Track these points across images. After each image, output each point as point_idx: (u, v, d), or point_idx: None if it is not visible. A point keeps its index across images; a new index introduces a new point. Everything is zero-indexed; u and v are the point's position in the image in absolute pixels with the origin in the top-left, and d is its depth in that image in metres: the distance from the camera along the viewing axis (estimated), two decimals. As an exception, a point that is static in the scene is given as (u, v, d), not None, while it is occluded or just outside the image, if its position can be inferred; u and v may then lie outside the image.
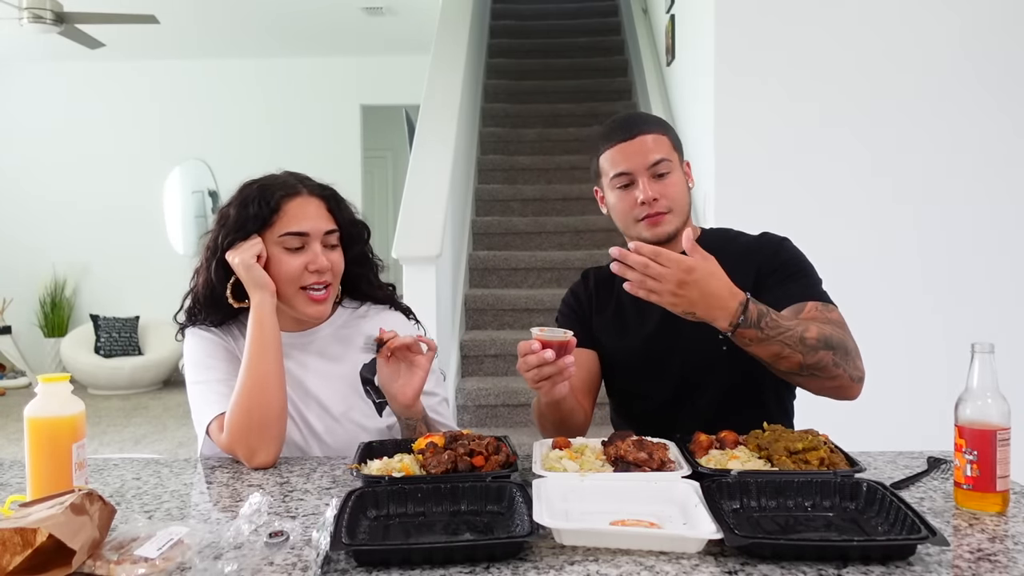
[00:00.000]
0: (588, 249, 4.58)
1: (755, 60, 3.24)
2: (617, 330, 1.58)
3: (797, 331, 1.28)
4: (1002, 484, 1.07)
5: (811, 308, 1.40)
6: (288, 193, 1.46)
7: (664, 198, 1.47)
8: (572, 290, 1.68)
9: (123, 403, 6.55)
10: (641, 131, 1.48)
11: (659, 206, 1.46)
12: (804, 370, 1.30)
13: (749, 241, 1.57)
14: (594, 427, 1.56)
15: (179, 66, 7.53)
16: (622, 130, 1.50)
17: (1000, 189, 3.19)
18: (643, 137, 1.48)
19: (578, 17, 6.65)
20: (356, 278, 1.57)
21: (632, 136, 1.48)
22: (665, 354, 1.52)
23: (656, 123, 1.53)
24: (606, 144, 1.52)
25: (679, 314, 1.25)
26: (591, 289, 1.64)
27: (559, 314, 1.68)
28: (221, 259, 1.45)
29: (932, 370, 2.79)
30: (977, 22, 3.19)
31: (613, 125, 1.54)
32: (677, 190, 1.49)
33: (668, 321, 1.45)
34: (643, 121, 1.52)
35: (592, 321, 1.62)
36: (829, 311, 1.41)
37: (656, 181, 1.47)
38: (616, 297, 1.59)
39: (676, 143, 1.53)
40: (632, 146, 1.48)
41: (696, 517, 1.00)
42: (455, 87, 4.23)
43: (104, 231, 7.49)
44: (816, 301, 1.42)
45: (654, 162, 1.47)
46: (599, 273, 1.64)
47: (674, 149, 1.51)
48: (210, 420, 1.42)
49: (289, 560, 0.93)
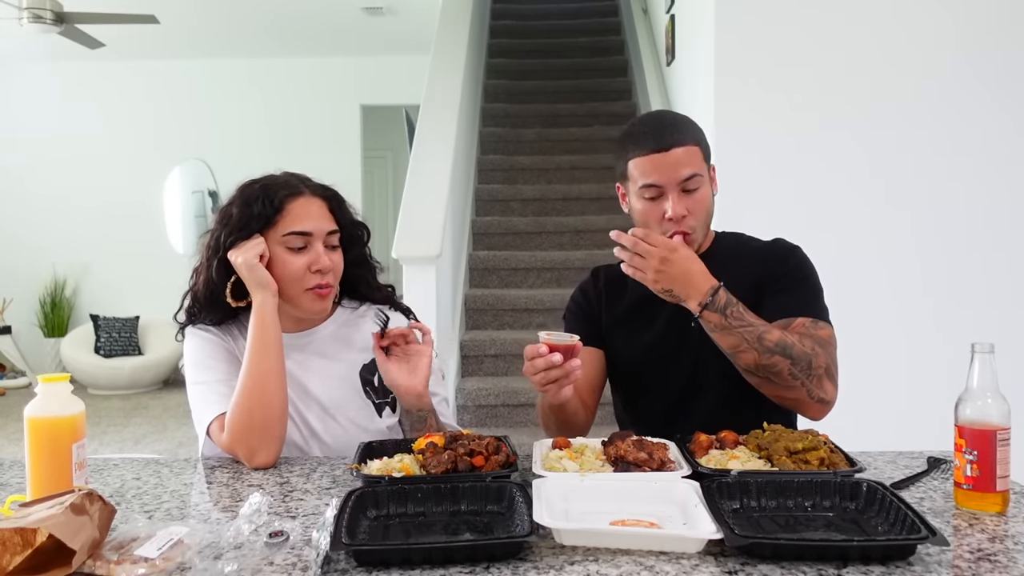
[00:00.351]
0: (588, 249, 4.58)
1: (755, 60, 3.24)
2: (627, 329, 1.58)
3: (759, 330, 1.34)
4: (1002, 484, 1.07)
5: (800, 323, 1.42)
6: (291, 193, 1.46)
7: (692, 215, 1.45)
8: (581, 287, 1.67)
9: (123, 403, 6.55)
10: (675, 142, 1.43)
11: (686, 224, 1.45)
12: (759, 370, 1.35)
13: (761, 246, 1.57)
14: (594, 427, 1.56)
15: (178, 66, 7.53)
16: (655, 138, 1.44)
17: (1000, 190, 3.19)
18: (678, 151, 1.43)
19: (578, 17, 6.65)
20: (355, 279, 1.57)
21: (666, 148, 1.43)
22: (672, 354, 1.52)
23: (690, 131, 1.47)
24: (637, 150, 1.46)
25: (659, 292, 1.36)
26: (601, 287, 1.63)
27: (567, 311, 1.67)
28: (223, 258, 1.44)
29: (932, 370, 2.78)
30: (975, 23, 3.19)
31: (646, 130, 1.47)
32: (705, 205, 1.47)
33: (676, 322, 1.48)
34: (677, 129, 1.46)
35: (601, 319, 1.61)
36: (817, 328, 1.42)
37: (685, 196, 1.44)
38: (628, 296, 1.58)
39: (706, 151, 1.49)
40: (666, 159, 1.43)
41: (696, 517, 1.00)
42: (455, 87, 4.23)
43: (104, 231, 7.49)
44: (807, 317, 1.43)
45: (685, 177, 1.43)
46: (610, 271, 1.63)
47: (704, 159, 1.47)
48: (211, 420, 1.42)
49: (289, 560, 0.93)
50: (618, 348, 1.59)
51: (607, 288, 1.63)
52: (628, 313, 1.59)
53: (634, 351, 1.56)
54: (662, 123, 1.48)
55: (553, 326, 4.24)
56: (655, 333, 1.54)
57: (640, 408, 1.61)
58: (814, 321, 1.43)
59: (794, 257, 1.52)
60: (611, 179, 5.42)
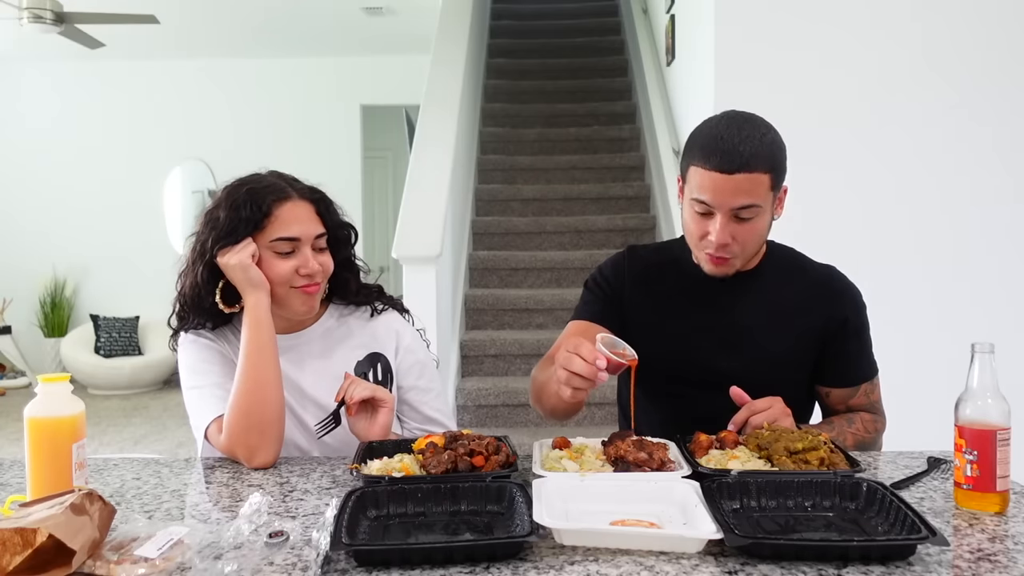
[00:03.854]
0: (588, 249, 4.58)
1: (755, 60, 3.24)
2: (653, 319, 1.54)
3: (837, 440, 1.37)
4: (1002, 484, 1.07)
5: (862, 393, 1.54)
6: (279, 197, 1.44)
7: (737, 243, 1.40)
8: (614, 264, 1.62)
9: (123, 403, 6.55)
10: (742, 169, 1.33)
11: (727, 251, 1.40)
12: None
13: (816, 276, 1.55)
14: (595, 427, 1.56)
15: (179, 66, 7.53)
16: (723, 157, 1.33)
17: (1000, 189, 3.19)
18: (741, 176, 1.33)
19: (578, 17, 6.64)
20: (344, 281, 1.56)
21: (729, 172, 1.33)
22: (693, 353, 1.51)
23: (764, 156, 1.35)
24: (701, 162, 1.36)
25: None
26: (637, 270, 1.58)
27: (592, 280, 1.62)
28: (210, 262, 1.43)
29: (932, 370, 2.78)
30: (982, 20, 3.18)
31: (716, 145, 1.35)
32: (753, 236, 1.41)
33: (707, 319, 1.50)
34: (750, 155, 1.33)
35: (623, 303, 1.57)
36: (874, 388, 1.55)
37: (735, 223, 1.38)
38: (661, 284, 1.56)
39: (777, 177, 1.39)
40: (726, 183, 1.33)
41: (696, 517, 1.01)
42: (455, 87, 4.23)
43: (104, 231, 7.49)
44: (867, 382, 1.54)
45: (740, 207, 1.36)
46: (649, 256, 1.60)
47: (771, 189, 1.38)
48: (208, 423, 1.42)
49: (289, 560, 0.93)
50: (639, 335, 1.52)
51: (641, 274, 1.58)
52: (659, 302, 1.55)
53: (657, 341, 1.51)
54: (737, 140, 1.34)
55: (553, 326, 4.25)
56: (684, 326, 1.52)
57: (654, 398, 1.56)
58: (871, 384, 1.55)
59: (859, 305, 1.54)
60: (610, 179, 5.43)
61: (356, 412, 1.40)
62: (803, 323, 1.50)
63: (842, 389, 1.53)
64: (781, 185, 1.43)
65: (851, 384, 1.53)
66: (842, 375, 1.53)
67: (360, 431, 1.40)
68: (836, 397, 1.54)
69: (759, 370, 1.47)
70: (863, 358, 1.55)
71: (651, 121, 4.82)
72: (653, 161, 4.79)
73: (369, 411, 1.41)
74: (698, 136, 1.40)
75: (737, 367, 1.46)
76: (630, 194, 4.96)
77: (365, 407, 1.41)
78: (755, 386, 1.39)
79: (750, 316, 1.50)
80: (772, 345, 1.49)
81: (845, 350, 1.52)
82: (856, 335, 1.53)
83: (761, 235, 1.44)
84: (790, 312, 1.50)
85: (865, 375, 1.54)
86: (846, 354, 1.52)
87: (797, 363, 1.52)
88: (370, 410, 1.41)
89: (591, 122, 5.53)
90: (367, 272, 1.62)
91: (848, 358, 1.53)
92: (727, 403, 1.38)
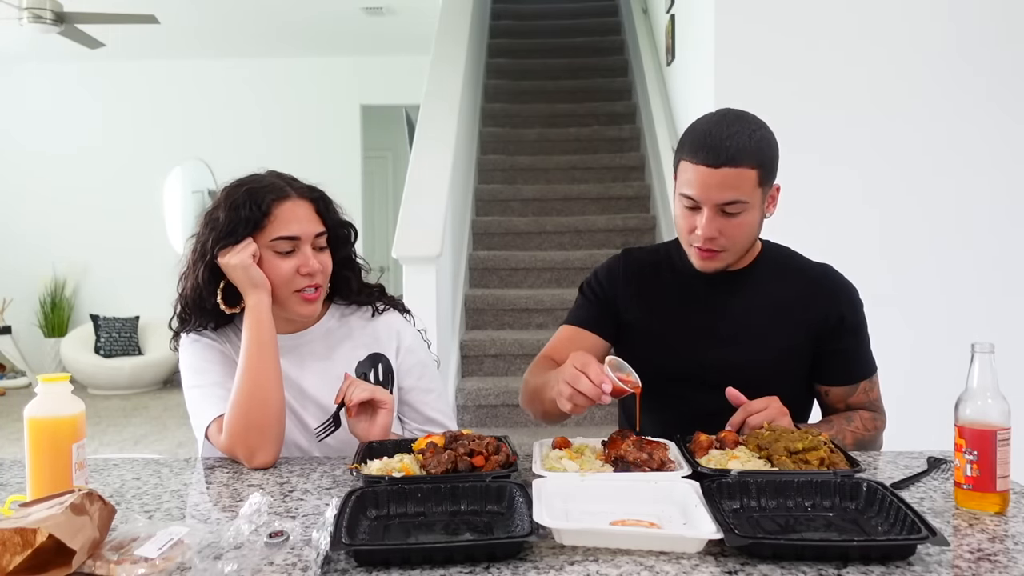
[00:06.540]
0: (588, 249, 4.58)
1: (755, 60, 3.24)
2: (648, 319, 1.55)
3: (836, 438, 1.37)
4: (1002, 484, 1.07)
5: (861, 391, 1.53)
6: (278, 197, 1.45)
7: (724, 237, 1.40)
8: (608, 268, 1.62)
9: (123, 403, 6.55)
10: (728, 163, 1.34)
11: (714, 244, 1.41)
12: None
13: (813, 275, 1.55)
14: (594, 427, 1.56)
15: (179, 66, 7.53)
16: (709, 151, 1.35)
17: (1000, 188, 3.19)
18: (727, 171, 1.34)
19: (578, 17, 6.65)
20: (345, 280, 1.56)
21: (715, 166, 1.34)
22: (690, 352, 1.51)
23: (751, 152, 1.36)
24: (689, 156, 1.38)
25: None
26: (631, 272, 1.59)
27: (587, 285, 1.63)
28: (210, 263, 1.44)
29: (932, 370, 2.78)
30: (991, 14, 3.18)
31: (704, 141, 1.37)
32: (741, 231, 1.41)
33: (704, 323, 1.50)
34: (736, 149, 1.34)
35: (618, 307, 1.58)
36: (872, 386, 1.55)
37: (721, 217, 1.39)
38: (656, 287, 1.56)
39: (766, 174, 1.39)
40: (711, 177, 1.35)
41: (696, 517, 1.01)
42: (455, 87, 4.23)
43: (104, 231, 7.49)
44: (866, 380, 1.54)
45: (726, 202, 1.37)
46: (644, 258, 1.61)
47: (759, 185, 1.38)
48: (209, 423, 1.42)
49: (289, 560, 0.93)
50: (634, 336, 1.56)
51: (635, 276, 1.59)
52: (654, 302, 1.56)
53: (652, 341, 1.53)
54: (725, 136, 1.36)
55: (553, 326, 4.23)
56: (679, 325, 1.53)
57: (652, 397, 1.56)
58: (870, 381, 1.54)
59: (856, 305, 1.53)
60: (610, 179, 5.42)
61: (356, 413, 1.40)
62: (799, 321, 1.50)
63: (841, 387, 1.53)
64: (771, 182, 1.44)
65: (850, 382, 1.53)
66: (840, 373, 1.53)
67: (360, 432, 1.40)
68: (835, 396, 1.54)
69: (755, 369, 1.48)
70: (861, 356, 1.55)
71: (651, 121, 4.82)
72: (653, 161, 4.79)
73: (369, 412, 1.41)
74: (689, 132, 1.43)
75: (733, 366, 1.47)
76: (630, 194, 4.96)
77: (365, 408, 1.40)
78: (752, 385, 1.39)
79: (745, 315, 1.51)
80: (768, 343, 1.50)
81: (842, 348, 1.52)
82: (853, 333, 1.53)
83: (750, 231, 1.44)
84: (785, 310, 1.50)
85: (864, 373, 1.54)
86: (844, 352, 1.52)
87: (794, 361, 1.52)
88: (370, 411, 1.41)
89: (591, 122, 5.53)
90: (368, 271, 1.62)
91: (846, 356, 1.53)
92: (725, 402, 1.38)
